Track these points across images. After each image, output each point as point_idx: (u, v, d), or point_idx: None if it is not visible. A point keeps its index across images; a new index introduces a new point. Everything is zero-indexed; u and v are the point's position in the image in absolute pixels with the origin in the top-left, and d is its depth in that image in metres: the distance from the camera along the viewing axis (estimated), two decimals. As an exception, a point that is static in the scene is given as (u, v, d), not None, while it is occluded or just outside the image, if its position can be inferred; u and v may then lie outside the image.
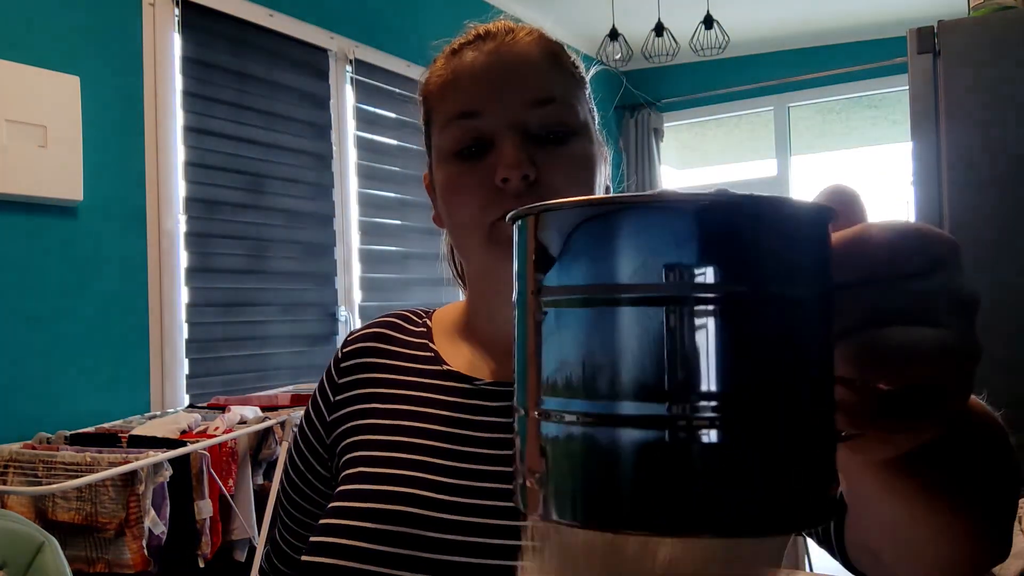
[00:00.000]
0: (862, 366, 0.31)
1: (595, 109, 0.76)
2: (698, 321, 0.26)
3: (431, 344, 0.78)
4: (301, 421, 0.82)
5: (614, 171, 0.81)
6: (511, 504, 0.30)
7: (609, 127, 5.24)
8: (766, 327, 0.27)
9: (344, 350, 0.80)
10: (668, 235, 0.26)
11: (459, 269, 0.86)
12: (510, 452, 0.31)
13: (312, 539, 0.67)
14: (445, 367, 0.75)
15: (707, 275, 0.26)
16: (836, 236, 0.32)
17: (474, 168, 0.68)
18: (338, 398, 0.77)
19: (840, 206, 0.33)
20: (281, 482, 0.82)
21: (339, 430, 0.75)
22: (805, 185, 5.06)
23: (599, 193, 0.71)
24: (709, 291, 0.26)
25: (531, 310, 0.29)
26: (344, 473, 0.71)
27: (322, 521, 0.68)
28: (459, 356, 0.75)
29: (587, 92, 0.75)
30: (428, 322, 0.81)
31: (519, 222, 0.31)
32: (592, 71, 0.78)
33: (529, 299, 0.29)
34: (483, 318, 0.75)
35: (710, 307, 0.26)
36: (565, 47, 0.74)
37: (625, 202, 0.27)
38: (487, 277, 0.72)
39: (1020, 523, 1.27)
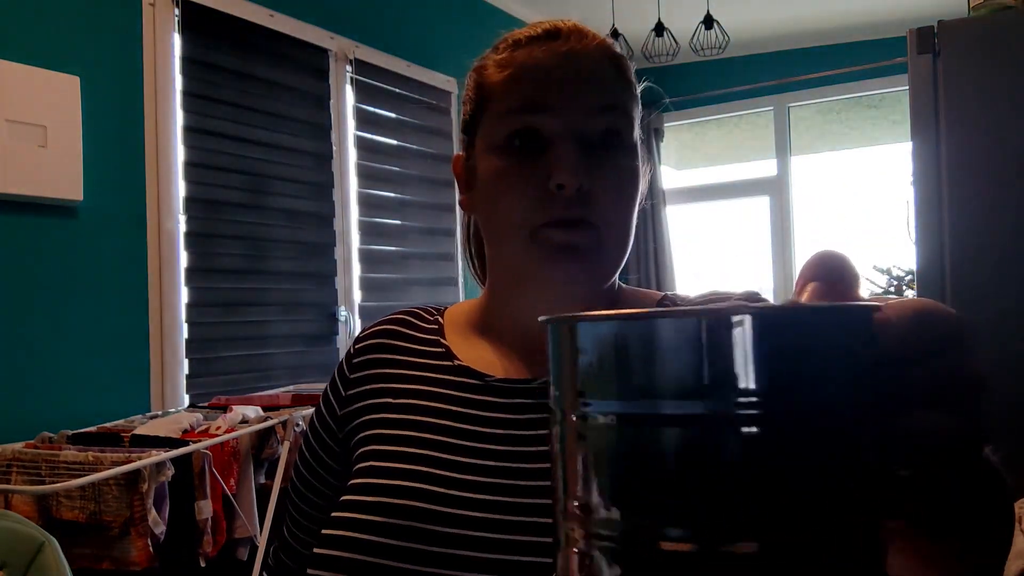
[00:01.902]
0: (881, 453, 0.31)
1: (641, 133, 0.75)
2: (739, 441, 0.25)
3: (443, 340, 0.78)
4: (312, 417, 0.82)
5: None
6: (521, 499, 0.30)
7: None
8: (810, 447, 0.26)
9: (356, 346, 0.80)
10: (706, 352, 0.26)
11: (476, 262, 0.85)
12: (519, 448, 0.31)
13: (324, 531, 0.68)
14: (456, 362, 0.75)
15: (754, 394, 0.25)
16: None
17: (526, 166, 0.68)
18: (349, 392, 0.77)
19: (828, 274, 0.33)
20: (291, 477, 0.83)
21: (351, 425, 0.76)
22: (805, 185, 5.06)
23: (636, 209, 0.72)
24: (753, 410, 0.25)
25: (570, 417, 0.29)
26: (356, 467, 0.72)
27: (334, 514, 0.68)
28: (471, 352, 0.75)
29: (639, 109, 0.75)
30: (440, 319, 0.81)
31: (553, 325, 0.30)
32: (641, 86, 0.77)
33: (567, 409, 0.29)
34: (505, 315, 0.75)
35: (753, 429, 0.25)
36: (625, 57, 0.74)
37: (663, 316, 0.26)
38: (522, 276, 0.71)
39: (1020, 523, 1.28)
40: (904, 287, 4.08)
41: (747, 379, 0.25)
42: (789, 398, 0.26)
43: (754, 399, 0.25)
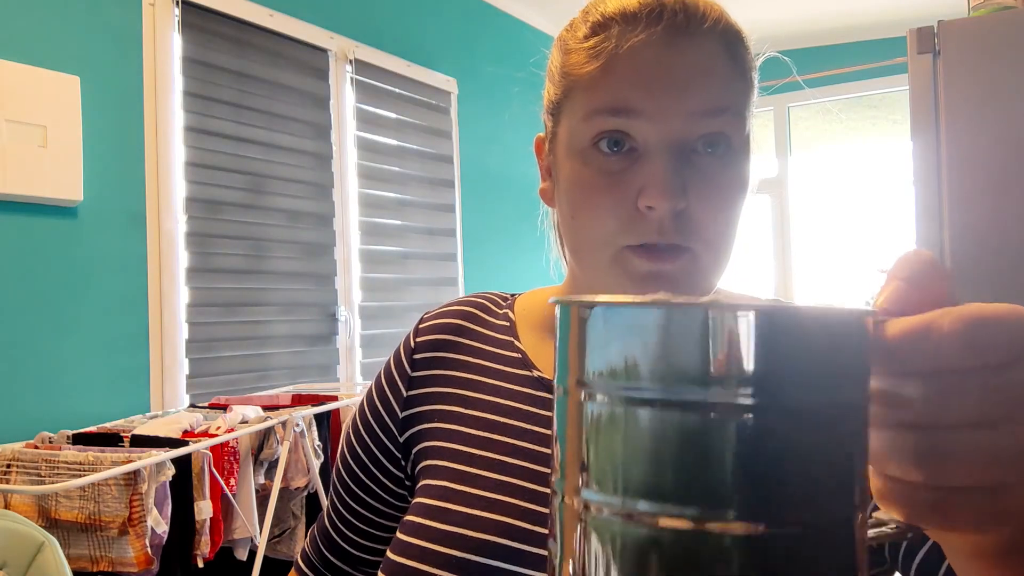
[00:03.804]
0: (923, 466, 0.30)
1: (753, 120, 0.65)
2: (735, 429, 0.27)
3: (517, 343, 0.70)
4: (363, 411, 0.74)
5: None
6: None
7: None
8: (809, 437, 0.27)
9: (418, 339, 0.73)
10: (715, 340, 0.27)
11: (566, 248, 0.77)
12: None
13: (390, 555, 0.62)
14: (536, 373, 0.68)
15: (747, 385, 0.26)
16: (904, 324, 0.30)
17: (614, 179, 0.58)
18: (412, 393, 0.71)
19: (912, 275, 0.32)
20: (339, 472, 0.76)
21: (414, 429, 0.70)
22: (805, 185, 5.06)
23: (741, 220, 0.62)
24: (748, 400, 0.27)
25: (574, 399, 0.30)
26: (423, 483, 0.66)
27: (402, 537, 0.63)
28: (551, 360, 0.67)
29: (754, 99, 0.63)
30: (511, 314, 0.73)
31: (562, 307, 0.31)
32: (760, 61, 0.65)
33: (572, 388, 0.30)
34: None
35: (746, 417, 0.27)
36: (746, 38, 0.62)
37: (671, 305, 0.27)
38: (602, 290, 0.63)
39: None
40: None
41: (745, 370, 0.26)
42: (782, 392, 0.27)
43: (750, 390, 0.26)
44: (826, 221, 4.97)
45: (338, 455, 0.78)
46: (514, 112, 4.16)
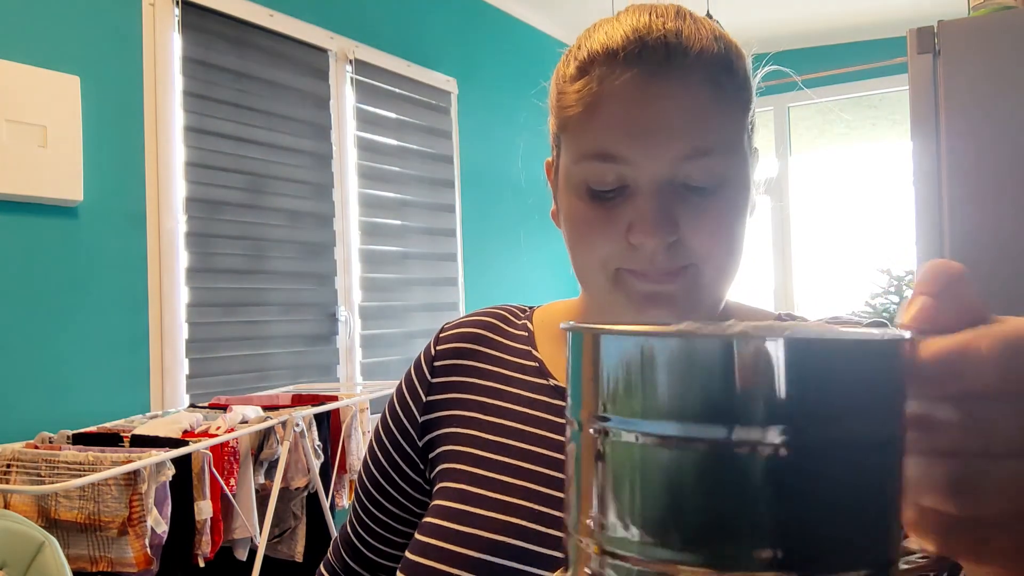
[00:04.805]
0: (957, 495, 0.29)
1: (755, 122, 0.65)
2: (762, 469, 0.25)
3: (535, 352, 0.72)
4: (385, 419, 0.76)
5: None
6: None
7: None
8: (844, 476, 0.25)
9: (438, 347, 0.75)
10: (740, 372, 0.25)
11: None
12: None
13: (409, 556, 0.64)
14: (552, 382, 0.69)
15: (775, 422, 0.24)
16: (938, 346, 0.28)
17: (605, 213, 0.59)
18: (431, 399, 0.73)
19: (946, 291, 0.30)
20: (361, 479, 0.78)
21: (432, 434, 0.71)
22: (805, 185, 5.06)
23: (743, 242, 0.62)
24: (776, 438, 0.24)
25: (587, 435, 0.28)
26: (441, 485, 0.68)
27: (420, 538, 0.64)
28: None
29: (752, 110, 0.63)
30: (529, 324, 0.75)
31: (573, 335, 0.29)
32: (760, 74, 0.65)
33: (585, 422, 0.28)
34: None
35: (774, 456, 0.24)
36: (737, 57, 0.61)
37: (690, 335, 0.25)
38: (604, 312, 0.65)
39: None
40: (904, 287, 4.08)
41: (771, 406, 0.24)
42: (812, 428, 0.25)
43: (777, 426, 0.24)
44: (826, 221, 4.97)
45: (361, 464, 0.79)
46: (515, 112, 4.17)
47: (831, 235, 4.94)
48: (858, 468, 0.26)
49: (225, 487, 2.04)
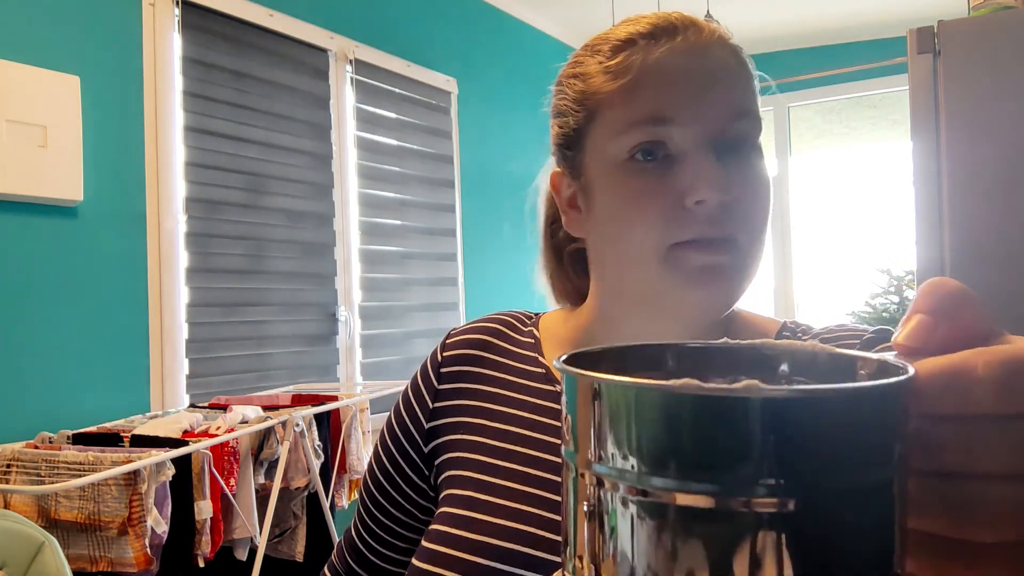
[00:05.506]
0: (949, 518, 0.28)
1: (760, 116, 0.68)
2: (764, 527, 0.24)
3: (541, 359, 0.72)
4: (391, 423, 0.76)
5: None
6: None
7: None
8: (838, 524, 0.25)
9: (445, 354, 0.75)
10: (747, 433, 0.24)
11: (565, 281, 0.78)
12: None
13: (416, 563, 0.64)
14: (558, 388, 0.68)
15: (771, 480, 0.24)
16: (933, 365, 0.28)
17: (656, 182, 0.60)
18: (437, 405, 0.73)
19: (942, 309, 0.30)
20: (366, 483, 0.78)
21: (438, 440, 0.72)
22: (805, 185, 5.06)
23: (769, 222, 0.64)
24: (769, 496, 0.24)
25: (582, 482, 0.27)
26: (447, 492, 0.68)
27: (427, 545, 0.65)
28: None
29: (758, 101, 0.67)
30: (536, 331, 0.75)
31: (568, 379, 0.28)
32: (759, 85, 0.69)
33: (581, 467, 0.27)
34: (616, 341, 0.66)
35: (775, 515, 0.24)
36: (741, 49, 0.66)
37: (690, 391, 0.24)
38: (651, 303, 0.63)
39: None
40: (904, 287, 4.08)
41: (765, 465, 0.24)
42: (813, 482, 0.24)
43: (772, 484, 0.24)
44: (826, 221, 4.97)
45: (366, 468, 0.80)
46: (515, 112, 4.16)
47: (831, 235, 4.94)
48: (862, 513, 0.25)
49: (225, 487, 2.04)
